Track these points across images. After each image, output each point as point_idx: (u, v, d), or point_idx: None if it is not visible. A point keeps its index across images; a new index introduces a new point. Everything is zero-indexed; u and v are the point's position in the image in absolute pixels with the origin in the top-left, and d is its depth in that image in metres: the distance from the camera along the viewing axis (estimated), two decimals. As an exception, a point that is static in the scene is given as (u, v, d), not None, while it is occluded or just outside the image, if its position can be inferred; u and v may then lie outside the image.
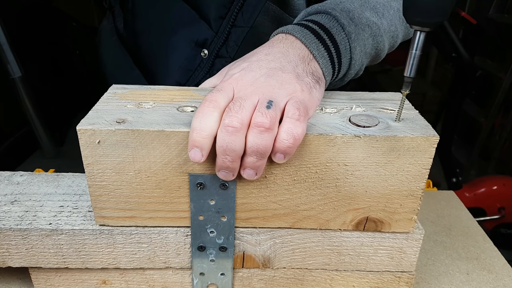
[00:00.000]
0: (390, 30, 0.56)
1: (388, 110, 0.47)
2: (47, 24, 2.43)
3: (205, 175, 0.43)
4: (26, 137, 2.37)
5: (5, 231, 0.46)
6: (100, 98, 0.47)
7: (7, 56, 1.98)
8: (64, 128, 2.57)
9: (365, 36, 0.52)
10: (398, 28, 0.58)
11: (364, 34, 0.52)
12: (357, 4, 0.54)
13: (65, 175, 0.56)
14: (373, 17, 0.54)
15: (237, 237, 0.47)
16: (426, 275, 0.58)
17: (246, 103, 0.38)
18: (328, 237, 0.48)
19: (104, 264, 0.49)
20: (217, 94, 0.40)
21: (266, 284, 0.51)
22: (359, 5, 0.54)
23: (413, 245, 0.48)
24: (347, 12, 0.51)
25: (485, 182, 1.73)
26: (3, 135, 2.25)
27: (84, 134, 0.41)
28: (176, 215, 0.46)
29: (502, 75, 2.02)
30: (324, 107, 0.47)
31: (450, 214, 0.73)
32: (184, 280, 0.51)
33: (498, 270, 0.60)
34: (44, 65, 2.48)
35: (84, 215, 0.48)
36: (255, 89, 0.40)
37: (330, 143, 0.41)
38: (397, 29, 0.58)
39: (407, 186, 0.44)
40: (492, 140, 2.20)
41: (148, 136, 0.41)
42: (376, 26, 0.53)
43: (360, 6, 0.54)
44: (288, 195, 0.44)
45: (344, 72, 0.51)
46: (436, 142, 0.41)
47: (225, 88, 0.41)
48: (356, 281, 0.51)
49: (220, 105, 0.39)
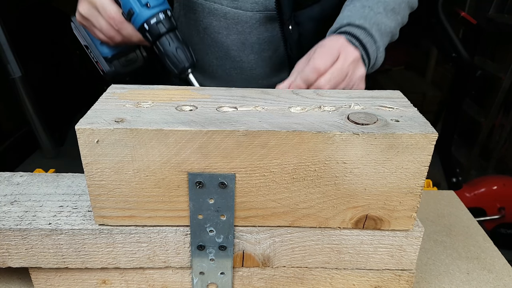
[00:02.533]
0: (402, 22, 0.70)
1: (386, 108, 0.47)
2: (47, 24, 2.43)
3: (204, 174, 0.43)
4: (26, 137, 2.37)
5: (4, 231, 0.46)
6: (99, 97, 0.47)
7: (7, 56, 1.99)
8: (64, 128, 2.57)
9: (387, 39, 0.67)
10: (406, 16, 0.72)
11: (387, 39, 0.67)
12: (381, 9, 0.66)
13: (64, 175, 0.56)
14: (394, 19, 0.67)
15: (237, 236, 0.47)
16: (426, 275, 0.58)
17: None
18: (328, 235, 0.48)
19: (103, 264, 0.49)
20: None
21: (266, 283, 0.51)
22: (383, 9, 0.66)
23: (413, 243, 0.48)
24: (377, 25, 0.64)
25: (485, 182, 1.73)
26: (3, 135, 2.26)
27: (83, 134, 0.41)
28: (176, 214, 0.46)
29: (502, 75, 2.02)
30: (322, 105, 0.47)
31: (450, 214, 0.72)
32: (184, 280, 0.51)
33: (498, 269, 0.60)
34: (44, 65, 2.49)
35: (84, 215, 0.48)
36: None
37: (328, 140, 0.41)
38: (406, 17, 0.71)
39: (406, 184, 0.44)
40: (492, 140, 2.20)
41: (147, 135, 0.41)
42: (395, 29, 0.68)
43: (384, 10, 0.66)
44: (287, 193, 0.44)
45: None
46: (435, 139, 0.41)
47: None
48: (356, 280, 0.51)
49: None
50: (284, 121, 0.42)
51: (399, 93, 0.52)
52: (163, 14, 0.59)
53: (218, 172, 0.43)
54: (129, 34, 0.63)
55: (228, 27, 0.74)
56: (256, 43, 0.76)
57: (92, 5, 0.61)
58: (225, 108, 0.46)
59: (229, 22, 0.74)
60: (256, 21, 0.74)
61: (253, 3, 0.72)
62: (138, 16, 0.58)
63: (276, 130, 0.41)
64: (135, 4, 0.58)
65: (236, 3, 0.72)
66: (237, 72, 0.79)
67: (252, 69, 0.79)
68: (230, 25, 0.74)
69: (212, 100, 0.48)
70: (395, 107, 0.47)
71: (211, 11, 0.74)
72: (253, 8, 0.72)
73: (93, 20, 0.63)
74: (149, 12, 0.58)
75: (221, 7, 0.73)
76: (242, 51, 0.77)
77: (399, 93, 0.51)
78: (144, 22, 0.58)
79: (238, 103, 0.47)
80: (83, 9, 0.62)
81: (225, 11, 0.73)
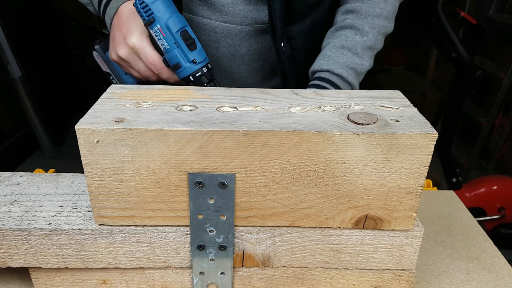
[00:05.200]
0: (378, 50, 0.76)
1: (386, 107, 0.47)
2: (47, 24, 2.43)
3: (204, 174, 0.43)
4: (26, 137, 2.37)
5: (4, 231, 0.46)
6: (99, 97, 0.47)
7: (7, 56, 1.99)
8: (64, 128, 2.57)
9: (362, 77, 0.73)
10: (381, 44, 0.76)
11: (362, 76, 0.73)
12: (359, 49, 0.71)
13: (64, 175, 0.56)
14: (370, 56, 0.73)
15: (237, 236, 0.47)
16: (426, 275, 0.58)
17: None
18: (328, 235, 0.48)
19: (103, 264, 0.49)
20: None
21: (266, 283, 0.51)
22: (361, 50, 0.71)
23: (413, 243, 0.48)
24: (353, 69, 0.70)
25: (485, 182, 1.73)
26: (3, 135, 2.26)
27: (83, 134, 0.41)
28: (176, 214, 0.46)
29: (502, 75, 2.02)
30: (322, 105, 0.47)
31: (450, 214, 0.72)
32: (184, 280, 0.51)
33: (498, 269, 0.60)
34: (44, 65, 2.49)
35: (84, 215, 0.48)
36: None
37: (328, 140, 0.41)
38: (380, 46, 0.76)
39: (406, 184, 0.44)
40: (492, 140, 2.20)
41: (147, 135, 0.41)
42: (371, 64, 0.73)
43: (362, 50, 0.71)
44: (287, 193, 0.44)
45: None
46: (435, 139, 0.41)
47: None
48: (356, 280, 0.51)
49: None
50: (284, 121, 0.42)
51: (399, 93, 0.52)
52: (206, 68, 0.65)
53: (218, 172, 0.43)
54: (167, 78, 0.66)
55: (217, 41, 0.75)
56: (246, 54, 0.76)
57: (133, 51, 0.64)
58: (225, 108, 0.46)
59: (218, 36, 0.74)
60: (246, 34, 0.74)
61: (242, 17, 0.72)
62: (185, 70, 0.64)
63: (276, 130, 0.41)
64: (183, 60, 0.63)
65: (226, 18, 0.73)
66: (228, 81, 0.80)
67: (243, 78, 0.80)
68: (220, 38, 0.75)
69: (212, 100, 0.48)
70: (395, 107, 0.47)
71: (199, 25, 0.74)
72: (242, 22, 0.73)
73: (132, 63, 0.66)
74: (195, 67, 0.64)
75: (210, 21, 0.73)
76: (233, 62, 0.77)
77: (399, 93, 0.51)
78: (189, 75, 0.64)
79: (238, 103, 0.47)
80: (123, 53, 0.64)
81: (214, 26, 0.73)
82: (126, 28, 0.64)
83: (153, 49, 0.64)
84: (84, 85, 2.47)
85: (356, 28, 0.71)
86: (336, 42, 0.71)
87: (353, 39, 0.71)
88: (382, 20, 0.73)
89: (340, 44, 0.71)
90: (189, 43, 0.62)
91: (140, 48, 0.63)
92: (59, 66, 2.55)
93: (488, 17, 2.14)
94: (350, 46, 0.71)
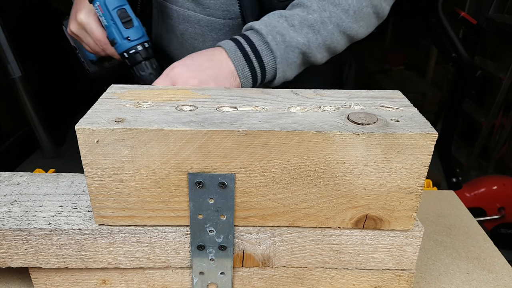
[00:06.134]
0: (325, 44, 0.65)
1: (386, 107, 0.47)
2: (47, 24, 2.43)
3: (204, 174, 0.43)
4: (26, 137, 2.37)
5: (4, 231, 0.46)
6: (99, 97, 0.47)
7: (7, 56, 1.99)
8: (64, 128, 2.57)
9: (294, 55, 0.64)
10: (336, 40, 0.66)
11: (294, 54, 0.63)
12: (296, 22, 0.63)
13: (64, 175, 0.56)
14: (306, 36, 0.63)
15: (237, 236, 0.47)
16: (426, 275, 0.58)
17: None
18: (328, 235, 0.48)
19: (103, 264, 0.49)
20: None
21: (266, 283, 0.51)
22: (299, 23, 0.63)
23: (413, 243, 0.48)
24: (281, 35, 0.62)
25: (485, 182, 1.73)
26: (3, 135, 2.26)
27: (83, 134, 0.41)
28: (175, 214, 0.46)
29: (502, 75, 2.02)
30: (322, 105, 0.47)
31: (450, 214, 0.72)
32: (184, 280, 0.51)
33: (498, 269, 0.60)
34: (44, 65, 2.49)
35: (84, 215, 0.48)
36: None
37: (328, 140, 0.41)
38: (335, 41, 0.66)
39: (406, 184, 0.44)
40: (492, 140, 2.20)
41: (147, 135, 0.41)
42: (306, 46, 0.63)
43: (300, 24, 0.63)
44: (287, 193, 0.44)
45: (267, 83, 0.66)
46: (435, 139, 0.41)
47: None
48: (356, 280, 0.51)
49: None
50: (284, 121, 0.43)
51: (399, 93, 0.52)
52: (141, 46, 0.68)
53: (218, 172, 0.43)
54: (112, 53, 0.72)
55: (203, 34, 0.75)
56: None
57: (81, 26, 0.71)
58: (225, 108, 0.46)
59: (203, 29, 0.75)
60: (230, 28, 0.74)
61: (224, 11, 0.72)
62: (119, 46, 0.68)
63: (276, 130, 0.41)
64: (118, 37, 0.68)
65: (208, 11, 0.73)
66: None
67: None
68: (205, 32, 0.75)
69: (212, 100, 0.48)
70: (395, 107, 0.47)
71: (185, 17, 0.75)
72: (225, 15, 0.73)
73: (82, 38, 0.73)
74: (129, 44, 0.68)
75: (194, 14, 0.74)
76: None
77: (399, 93, 0.51)
78: (124, 52, 0.69)
79: (238, 103, 0.47)
80: (74, 28, 0.72)
81: (198, 18, 0.74)
82: (78, 4, 0.71)
83: (98, 26, 0.69)
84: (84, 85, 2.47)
85: (304, 6, 0.65)
86: (276, 12, 0.65)
87: (294, 12, 0.64)
88: (338, 10, 0.64)
89: (279, 13, 0.65)
90: (125, 21, 0.67)
91: (86, 24, 0.69)
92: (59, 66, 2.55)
93: (488, 17, 2.14)
94: (287, 16, 0.64)
